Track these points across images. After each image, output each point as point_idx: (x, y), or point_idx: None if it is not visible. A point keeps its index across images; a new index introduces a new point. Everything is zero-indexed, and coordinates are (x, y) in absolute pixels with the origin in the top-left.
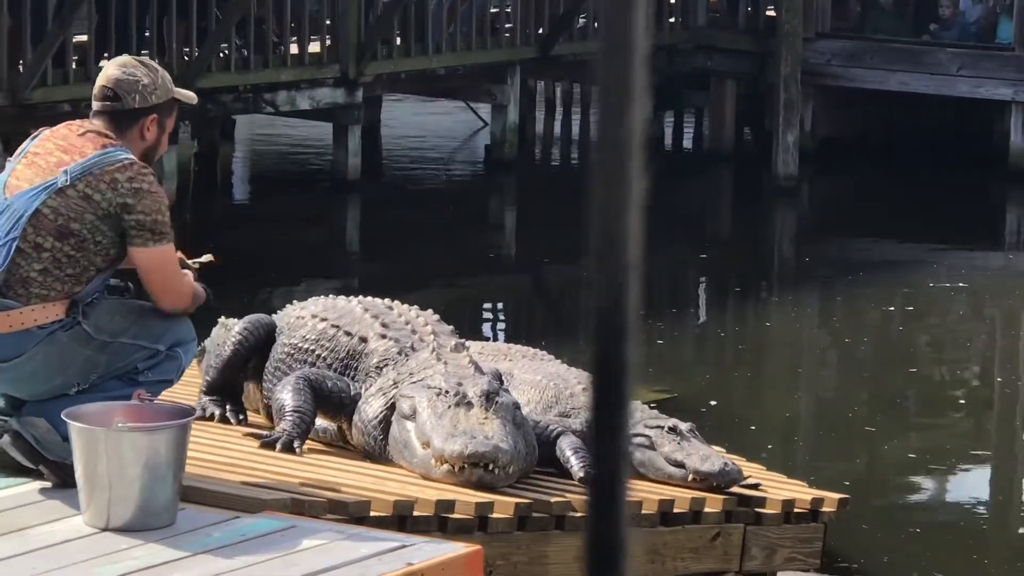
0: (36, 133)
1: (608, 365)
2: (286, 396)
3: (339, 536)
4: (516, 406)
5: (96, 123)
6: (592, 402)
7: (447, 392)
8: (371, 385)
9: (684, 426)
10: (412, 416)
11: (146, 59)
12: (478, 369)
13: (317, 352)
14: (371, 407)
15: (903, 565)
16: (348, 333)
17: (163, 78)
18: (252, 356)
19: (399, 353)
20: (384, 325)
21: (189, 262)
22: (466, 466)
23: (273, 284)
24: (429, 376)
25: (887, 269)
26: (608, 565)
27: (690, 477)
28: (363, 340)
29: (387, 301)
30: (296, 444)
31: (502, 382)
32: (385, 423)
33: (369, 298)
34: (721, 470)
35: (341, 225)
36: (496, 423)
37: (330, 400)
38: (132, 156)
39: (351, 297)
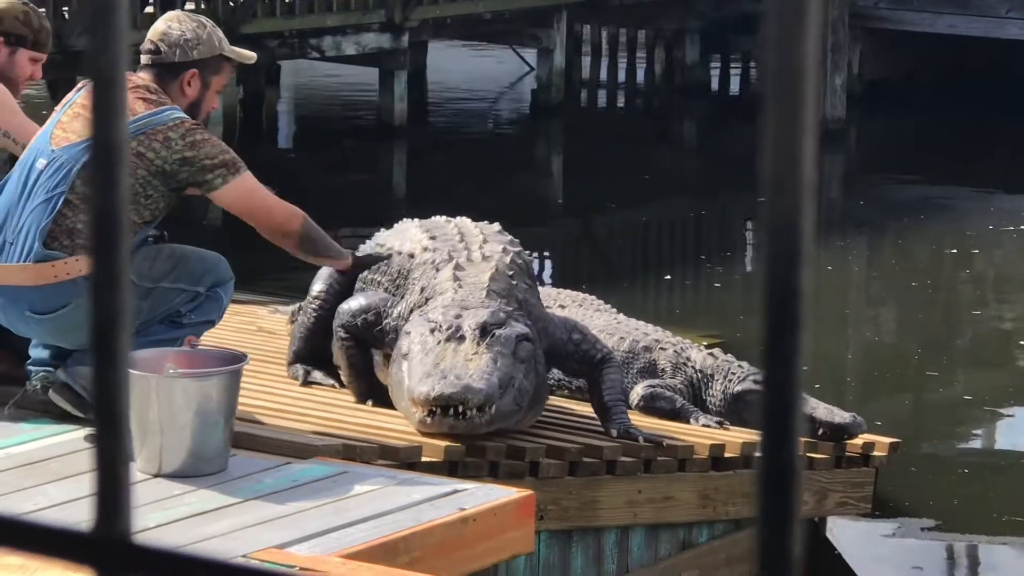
0: (81, 84)
1: (781, 289)
2: (337, 357)
3: (391, 481)
4: (523, 337)
5: (143, 76)
6: (765, 328)
7: (441, 326)
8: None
9: None
10: (407, 355)
11: (199, 15)
12: (492, 291)
13: (377, 279)
14: (398, 339)
15: (955, 509)
16: (399, 252)
17: (210, 35)
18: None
19: (432, 265)
20: (432, 238)
21: None
22: (436, 411)
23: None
24: (433, 307)
25: (939, 212)
26: (780, 495)
27: (820, 431)
28: (411, 256)
29: (458, 218)
30: (365, 401)
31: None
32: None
33: (438, 217)
34: (853, 421)
35: (387, 171)
36: (485, 359)
37: (371, 332)
38: (182, 114)
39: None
